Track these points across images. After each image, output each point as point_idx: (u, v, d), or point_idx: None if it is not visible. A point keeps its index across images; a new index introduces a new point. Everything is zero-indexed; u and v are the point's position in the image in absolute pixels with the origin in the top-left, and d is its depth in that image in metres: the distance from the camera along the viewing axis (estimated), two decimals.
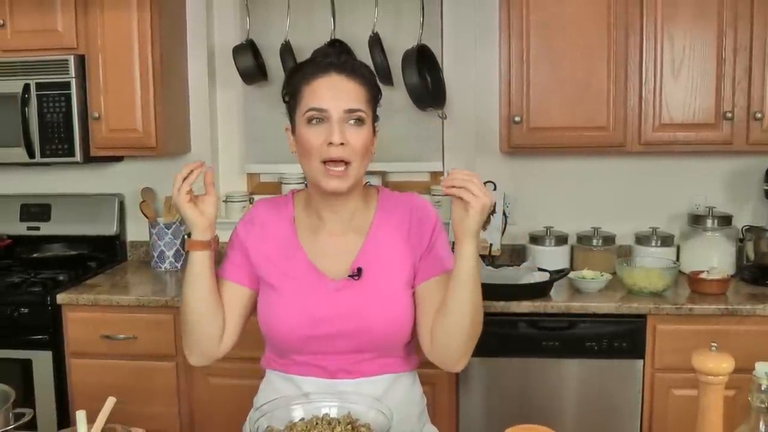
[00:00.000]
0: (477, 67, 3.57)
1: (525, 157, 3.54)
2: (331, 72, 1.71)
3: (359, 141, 1.69)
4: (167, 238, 3.60)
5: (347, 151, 1.67)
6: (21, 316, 3.15)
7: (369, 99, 1.74)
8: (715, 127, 3.11)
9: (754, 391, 1.23)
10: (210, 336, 1.79)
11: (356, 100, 1.70)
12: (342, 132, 1.67)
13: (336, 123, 1.67)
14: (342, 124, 1.68)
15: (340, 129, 1.67)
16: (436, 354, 1.75)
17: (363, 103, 1.71)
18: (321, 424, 1.55)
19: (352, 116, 1.69)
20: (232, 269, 1.83)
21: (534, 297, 2.97)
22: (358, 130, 1.69)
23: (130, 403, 3.04)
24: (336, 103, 1.68)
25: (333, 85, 1.70)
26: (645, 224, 3.48)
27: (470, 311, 1.67)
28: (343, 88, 1.70)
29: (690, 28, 3.08)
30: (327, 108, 1.68)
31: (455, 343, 1.71)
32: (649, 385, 2.91)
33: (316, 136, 1.68)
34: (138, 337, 3.13)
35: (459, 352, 1.73)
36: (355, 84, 1.72)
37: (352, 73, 1.72)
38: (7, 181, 3.91)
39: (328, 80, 1.70)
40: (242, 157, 3.86)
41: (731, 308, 2.85)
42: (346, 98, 1.69)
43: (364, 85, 1.74)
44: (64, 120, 3.37)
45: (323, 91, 1.70)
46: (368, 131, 1.72)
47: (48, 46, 3.39)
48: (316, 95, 1.70)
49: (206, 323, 1.78)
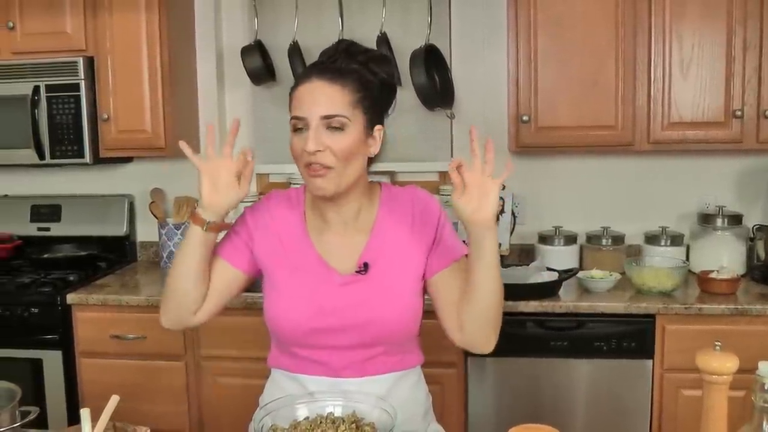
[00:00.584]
0: (485, 66, 3.57)
1: (534, 156, 3.53)
2: (312, 77, 1.71)
3: (338, 146, 1.67)
4: (176, 238, 3.61)
5: (326, 156, 1.67)
6: (31, 315, 3.18)
7: (355, 101, 1.70)
8: (725, 126, 3.10)
9: (757, 391, 1.22)
10: (188, 306, 1.80)
11: (335, 106, 1.67)
12: (318, 139, 1.66)
13: (313, 130, 1.66)
14: (319, 131, 1.66)
15: (316, 136, 1.66)
16: (468, 341, 1.76)
17: (345, 106, 1.68)
18: (325, 423, 1.56)
19: (331, 122, 1.67)
20: (231, 250, 1.84)
21: (542, 297, 2.96)
22: (337, 135, 1.67)
23: (139, 402, 3.07)
24: (313, 109, 1.67)
25: (312, 91, 1.69)
26: (654, 224, 3.47)
27: (498, 291, 1.69)
28: (321, 94, 1.68)
29: (699, 26, 3.07)
30: (304, 116, 1.68)
31: (488, 326, 1.73)
32: (659, 386, 2.90)
33: (298, 143, 1.69)
34: (147, 336, 3.14)
35: (491, 334, 1.74)
36: (337, 87, 1.68)
37: (334, 76, 1.70)
38: (18, 182, 3.94)
39: (308, 86, 1.70)
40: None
41: (741, 308, 2.83)
42: (323, 104, 1.67)
43: (349, 87, 1.70)
44: (73, 121, 3.39)
45: (303, 98, 1.70)
46: (352, 135, 1.69)
47: (57, 48, 3.41)
48: (298, 103, 1.70)
49: (188, 293, 1.78)
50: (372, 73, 1.76)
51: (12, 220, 3.86)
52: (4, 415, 1.47)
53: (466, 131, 3.57)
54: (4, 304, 3.19)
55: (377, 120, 1.77)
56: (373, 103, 1.74)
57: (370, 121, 1.74)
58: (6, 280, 3.36)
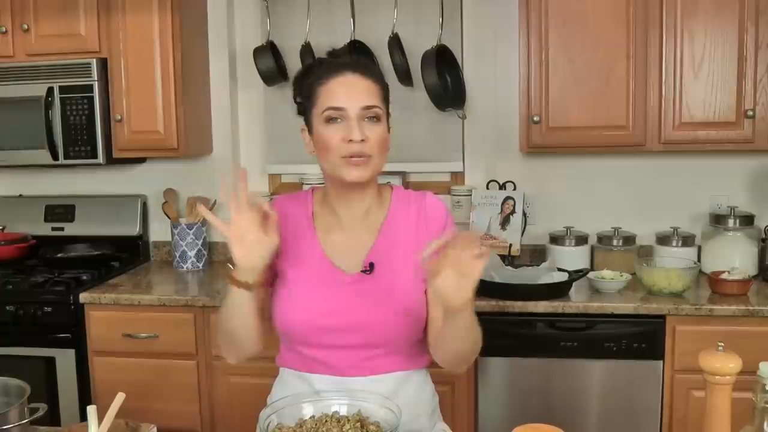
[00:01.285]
0: (497, 67, 3.57)
1: (545, 156, 3.53)
2: (346, 71, 1.75)
3: (377, 136, 1.72)
4: (189, 238, 3.64)
5: (367, 146, 1.71)
6: (45, 314, 3.21)
7: (383, 96, 1.78)
8: (737, 126, 3.08)
9: (758, 392, 1.22)
10: (248, 345, 1.80)
11: (372, 97, 1.74)
12: (361, 129, 1.70)
13: (354, 120, 1.70)
14: (360, 122, 1.71)
15: (359, 126, 1.70)
16: (438, 360, 1.80)
17: (378, 99, 1.75)
18: (330, 422, 1.56)
19: (369, 113, 1.73)
20: None
21: (552, 297, 2.96)
22: (375, 126, 1.73)
23: (151, 400, 3.10)
24: (353, 101, 1.72)
25: (348, 84, 1.74)
26: (666, 224, 3.45)
27: (469, 338, 1.69)
28: (358, 86, 1.74)
29: (710, 25, 3.05)
30: (344, 106, 1.71)
31: (457, 357, 1.77)
32: (669, 387, 2.89)
33: (335, 133, 1.71)
34: (159, 335, 3.16)
35: (461, 363, 1.79)
36: (370, 82, 1.76)
37: (365, 71, 1.77)
38: (32, 182, 3.98)
39: (343, 79, 1.74)
40: (264, 157, 3.89)
41: (752, 309, 2.81)
42: (362, 96, 1.73)
43: (378, 83, 1.78)
44: (87, 122, 3.43)
45: (339, 90, 1.73)
46: (384, 127, 1.76)
47: (71, 49, 3.44)
48: (333, 94, 1.73)
49: (245, 337, 1.78)
50: (381, 73, 1.85)
51: (26, 220, 3.89)
52: (12, 411, 1.49)
53: (477, 132, 3.61)
54: (18, 303, 3.22)
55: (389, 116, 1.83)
56: (389, 100, 1.82)
57: (389, 117, 1.80)
58: (20, 279, 3.39)
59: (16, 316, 3.22)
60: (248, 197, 1.61)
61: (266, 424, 1.55)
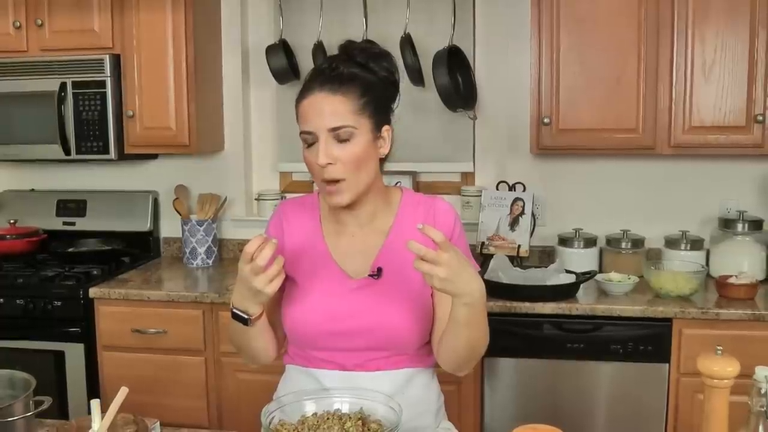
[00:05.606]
0: (508, 68, 3.57)
1: (555, 158, 3.53)
2: (314, 90, 1.71)
3: (349, 155, 1.69)
4: (199, 234, 3.66)
5: (337, 169, 1.69)
6: (55, 309, 3.23)
7: (360, 107, 1.70)
8: (746, 130, 3.07)
9: (753, 395, 1.23)
10: (266, 354, 1.84)
11: (339, 117, 1.68)
12: (328, 151, 1.68)
13: (322, 143, 1.68)
14: (328, 143, 1.68)
15: (326, 149, 1.68)
16: (441, 362, 1.80)
17: (350, 115, 1.69)
18: (332, 419, 1.57)
19: (337, 134, 1.68)
20: None
21: (559, 298, 2.97)
22: (346, 146, 1.69)
23: (159, 396, 3.12)
24: (319, 123, 1.68)
25: (316, 105, 1.70)
26: (675, 227, 3.44)
27: (471, 344, 1.69)
28: (325, 106, 1.69)
29: (722, 29, 3.04)
30: (312, 130, 1.69)
31: (458, 361, 1.75)
32: (674, 390, 2.89)
33: (311, 157, 1.71)
34: (168, 331, 3.18)
35: (462, 366, 1.78)
36: (340, 97, 1.69)
37: (335, 87, 1.70)
38: (44, 177, 4.01)
39: (312, 100, 1.71)
40: (275, 155, 3.90)
41: (759, 313, 2.80)
42: (328, 116, 1.68)
43: (352, 95, 1.70)
44: (99, 118, 3.45)
45: (308, 112, 1.71)
46: (361, 143, 1.70)
47: (84, 45, 3.47)
48: (304, 117, 1.72)
49: (262, 349, 1.82)
50: (372, 72, 1.78)
51: (38, 214, 3.92)
52: (17, 404, 1.51)
53: (488, 133, 3.62)
54: (29, 297, 3.25)
55: (384, 120, 1.78)
56: (377, 105, 1.75)
57: (377, 124, 1.75)
58: (31, 273, 3.42)
59: (26, 309, 3.24)
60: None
61: (268, 420, 1.56)
